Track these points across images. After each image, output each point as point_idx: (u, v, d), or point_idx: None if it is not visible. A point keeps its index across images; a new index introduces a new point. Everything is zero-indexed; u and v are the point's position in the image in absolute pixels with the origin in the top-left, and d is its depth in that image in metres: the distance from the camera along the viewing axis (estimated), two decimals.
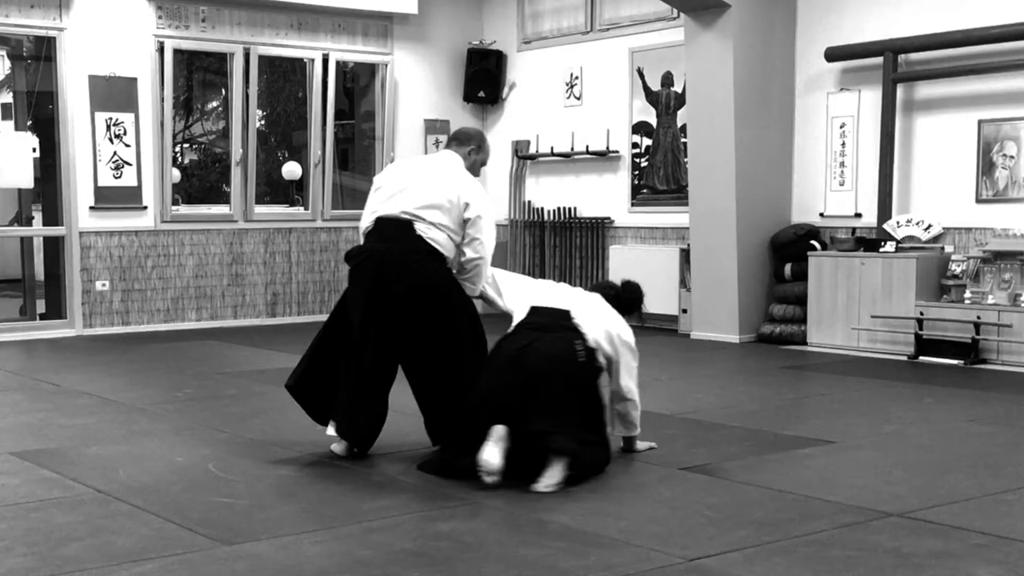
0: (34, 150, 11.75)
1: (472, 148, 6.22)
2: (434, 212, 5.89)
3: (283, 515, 4.95)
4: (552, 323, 5.84)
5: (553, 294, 6.15)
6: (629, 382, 6.00)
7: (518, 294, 6.15)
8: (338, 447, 6.07)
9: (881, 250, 10.14)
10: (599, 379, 5.83)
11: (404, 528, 4.72)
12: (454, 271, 6.01)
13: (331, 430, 6.09)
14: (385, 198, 5.99)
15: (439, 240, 5.90)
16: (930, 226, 10.10)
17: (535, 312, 5.95)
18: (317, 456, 6.05)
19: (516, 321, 5.97)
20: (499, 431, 5.40)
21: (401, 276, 5.81)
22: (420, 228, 5.87)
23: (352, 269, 6.05)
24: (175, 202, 12.62)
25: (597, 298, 6.21)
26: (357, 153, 15.55)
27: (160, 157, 12.13)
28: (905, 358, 9.83)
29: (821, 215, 11.07)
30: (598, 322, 5.94)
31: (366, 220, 6.05)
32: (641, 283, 12.15)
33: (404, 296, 5.81)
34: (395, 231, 5.90)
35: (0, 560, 4.28)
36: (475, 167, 6.22)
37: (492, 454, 5.34)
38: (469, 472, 5.44)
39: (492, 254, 6.06)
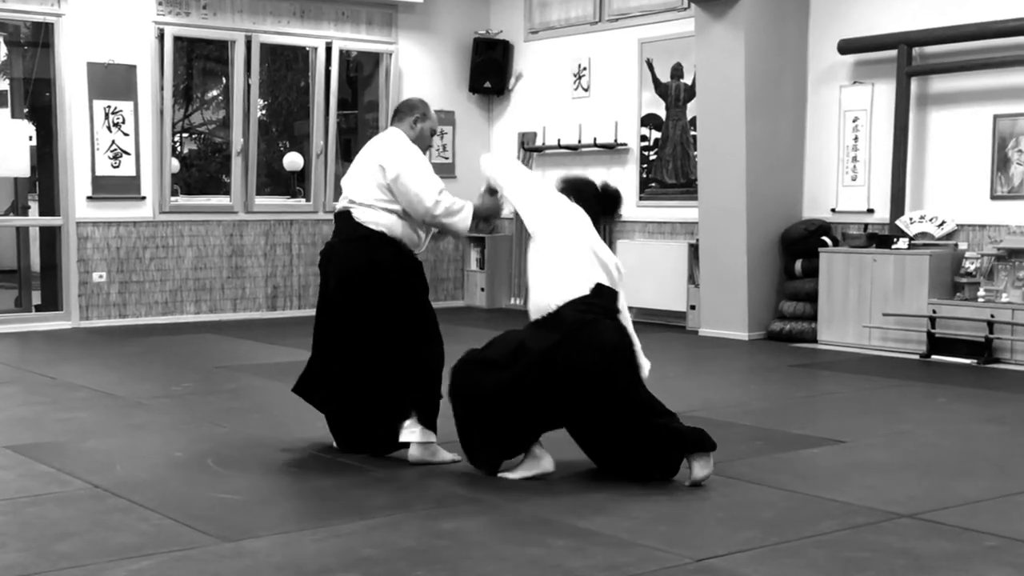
0: (31, 138, 11.76)
1: (416, 117, 6.10)
2: (365, 192, 5.92)
3: (284, 511, 4.96)
4: (608, 307, 5.75)
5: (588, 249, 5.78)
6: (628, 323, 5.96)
7: (553, 226, 5.77)
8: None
9: (893, 247, 10.13)
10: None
11: (407, 526, 4.72)
12: (427, 238, 6.06)
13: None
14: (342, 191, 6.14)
15: (380, 221, 5.89)
16: (944, 222, 10.09)
17: (599, 293, 5.70)
18: (318, 452, 6.05)
19: (567, 295, 5.61)
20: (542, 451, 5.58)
21: (336, 270, 5.98)
22: (357, 214, 5.93)
23: (318, 266, 6.27)
24: (174, 192, 12.63)
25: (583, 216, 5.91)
26: (360, 144, 15.45)
27: (159, 146, 12.14)
28: (917, 357, 9.83)
29: (833, 211, 11.06)
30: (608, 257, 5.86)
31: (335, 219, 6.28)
32: (649, 278, 12.25)
33: (336, 290, 5.97)
34: (340, 224, 6.07)
35: None
36: (423, 136, 6.10)
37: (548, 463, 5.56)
38: (489, 464, 5.54)
39: (441, 201, 5.87)
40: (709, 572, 4.16)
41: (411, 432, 5.81)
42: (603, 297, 5.67)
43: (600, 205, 6.07)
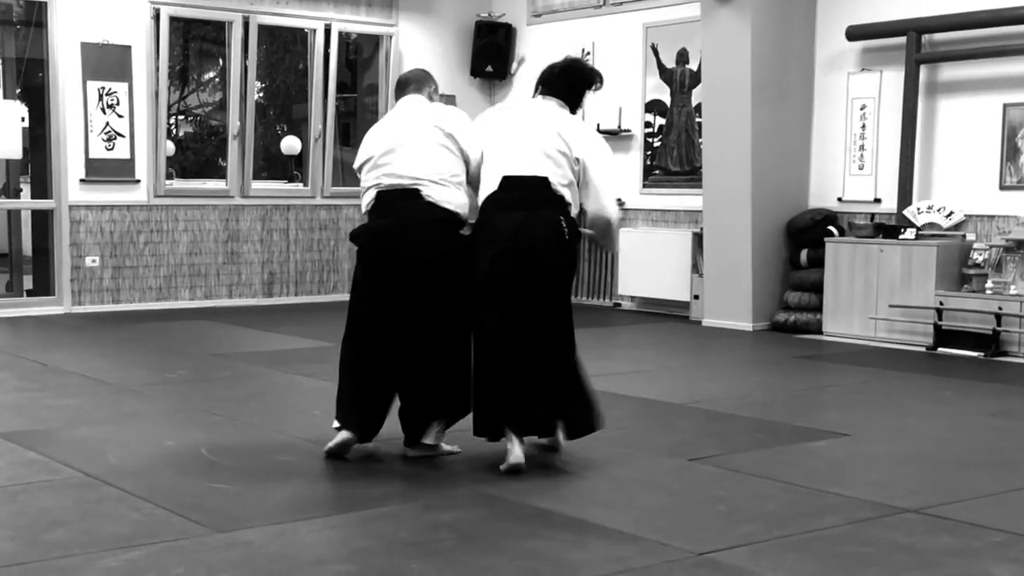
0: (23, 120, 11.73)
1: (432, 90, 6.02)
2: (437, 168, 5.66)
3: (278, 502, 4.96)
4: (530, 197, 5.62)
5: (519, 146, 5.69)
6: (606, 200, 5.91)
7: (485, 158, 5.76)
8: (335, 443, 5.75)
9: (900, 237, 10.13)
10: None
11: (404, 517, 4.73)
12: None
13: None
14: (380, 168, 5.70)
15: (454, 200, 5.67)
16: (952, 213, 10.09)
17: (507, 185, 5.62)
18: (314, 441, 6.05)
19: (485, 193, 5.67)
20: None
21: (418, 251, 5.57)
22: (428, 193, 5.62)
23: (360, 250, 5.78)
24: (169, 176, 12.62)
25: (553, 110, 5.88)
26: (359, 128, 15.53)
27: (154, 129, 12.13)
28: (923, 349, 9.83)
29: (839, 200, 11.06)
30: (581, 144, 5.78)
31: (367, 196, 5.76)
32: (651, 268, 12.25)
33: (421, 273, 5.58)
34: (402, 202, 5.62)
35: None
36: None
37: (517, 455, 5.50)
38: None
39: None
40: (710, 566, 4.17)
41: (436, 435, 5.76)
42: (512, 189, 5.59)
43: (562, 82, 6.11)
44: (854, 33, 10.75)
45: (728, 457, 5.87)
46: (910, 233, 10.10)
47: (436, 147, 5.67)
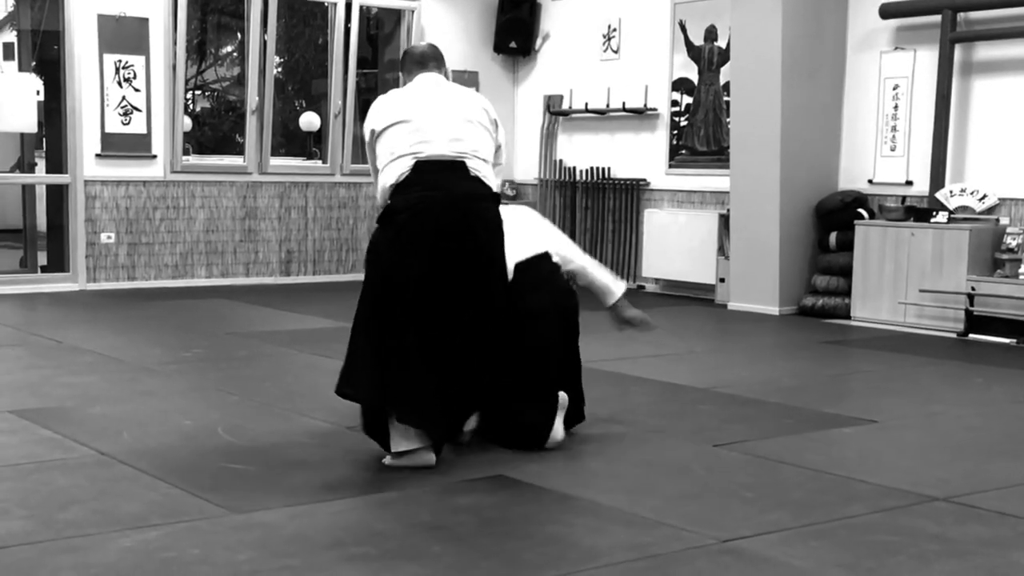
0: (38, 93, 11.77)
1: (447, 70, 5.82)
2: (481, 145, 5.45)
3: (296, 483, 4.97)
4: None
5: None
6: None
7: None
8: (395, 459, 5.30)
9: (932, 220, 10.10)
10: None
11: (423, 500, 4.74)
12: None
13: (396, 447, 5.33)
14: (418, 135, 5.34)
15: (491, 179, 5.47)
16: (985, 196, 10.05)
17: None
18: (332, 422, 6.07)
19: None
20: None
21: (475, 227, 5.32)
22: (473, 166, 5.38)
23: (403, 225, 5.25)
24: (186, 152, 12.65)
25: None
26: None
27: (171, 103, 12.15)
28: (954, 335, 9.81)
29: (870, 182, 11.03)
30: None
31: (399, 167, 5.31)
32: (677, 250, 12.23)
33: (475, 251, 5.34)
34: (449, 174, 5.32)
35: None
36: None
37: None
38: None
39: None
40: (735, 553, 4.17)
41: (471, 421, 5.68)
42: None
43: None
44: (888, 11, 10.71)
45: (754, 443, 5.87)
46: (942, 216, 10.07)
47: (479, 126, 5.49)
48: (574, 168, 13.53)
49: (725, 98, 11.94)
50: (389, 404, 5.22)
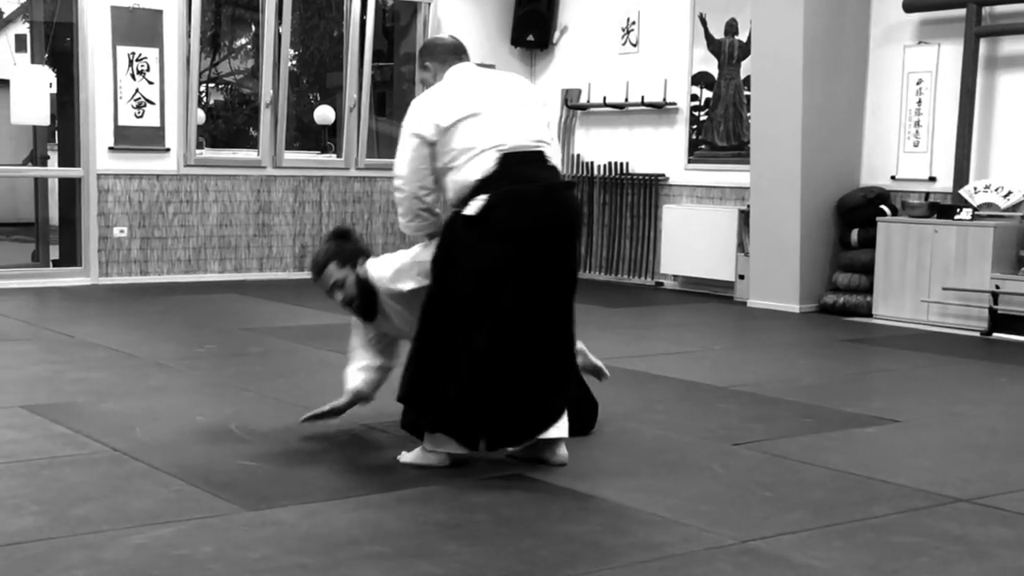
0: (51, 85, 11.80)
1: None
2: (545, 130, 5.35)
3: (309, 480, 4.98)
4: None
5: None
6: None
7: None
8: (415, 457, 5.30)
9: (956, 217, 10.07)
10: None
11: (439, 498, 4.75)
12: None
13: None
14: (493, 129, 5.17)
15: (559, 163, 5.40)
16: (1010, 193, 10.02)
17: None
18: (346, 419, 6.07)
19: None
20: None
21: (571, 219, 5.28)
22: (548, 154, 5.29)
23: (503, 220, 5.06)
24: (199, 145, 12.68)
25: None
26: (395, 98, 15.56)
27: (185, 96, 12.18)
28: (978, 334, 9.79)
29: (892, 178, 11.00)
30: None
31: (482, 162, 5.12)
32: (695, 246, 12.22)
33: (572, 245, 5.27)
34: (532, 166, 5.21)
35: (10, 519, 4.34)
36: None
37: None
38: None
39: None
40: (754, 554, 4.17)
41: (561, 428, 5.34)
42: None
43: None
44: (911, 4, 10.68)
45: (774, 442, 5.86)
46: (966, 213, 10.04)
47: (539, 112, 5.41)
48: (592, 163, 13.53)
49: (745, 92, 11.93)
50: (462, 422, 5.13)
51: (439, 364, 5.11)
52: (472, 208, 5.07)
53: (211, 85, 19.86)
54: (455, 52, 5.53)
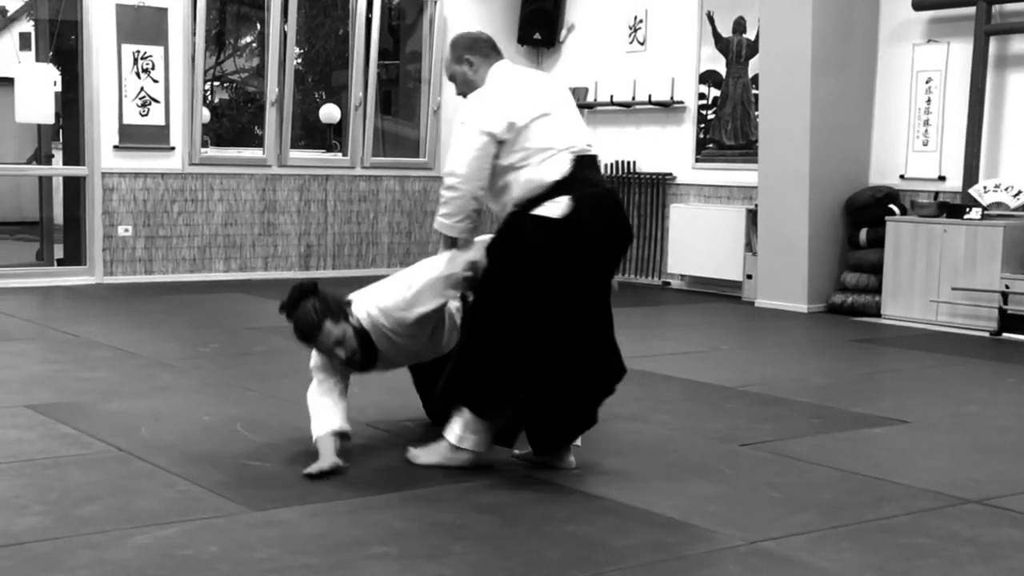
0: (55, 84, 11.82)
1: None
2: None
3: (315, 481, 4.98)
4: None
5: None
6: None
7: None
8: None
9: (965, 217, 10.06)
10: None
11: (444, 498, 4.75)
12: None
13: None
14: (564, 130, 5.16)
15: None
16: (1020, 192, 10.01)
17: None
18: (352, 419, 6.07)
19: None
20: None
21: (626, 222, 5.26)
22: (598, 158, 5.36)
23: (583, 223, 5.02)
24: (204, 144, 12.69)
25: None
26: (401, 96, 15.57)
27: (190, 95, 12.18)
28: (987, 334, 9.78)
29: (901, 177, 11.00)
30: None
31: (559, 163, 5.09)
32: (703, 245, 12.21)
33: (628, 245, 5.33)
34: (594, 170, 5.26)
35: (15, 519, 4.34)
36: None
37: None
38: None
39: None
40: (762, 555, 4.17)
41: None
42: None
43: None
44: (921, 2, 10.67)
45: (782, 443, 5.86)
46: (975, 213, 10.03)
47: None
48: (599, 162, 13.49)
49: (753, 91, 11.92)
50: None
51: (515, 364, 5.04)
52: (554, 210, 4.99)
53: (216, 83, 19.87)
54: (495, 48, 5.42)
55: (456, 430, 5.17)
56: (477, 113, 5.11)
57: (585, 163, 5.15)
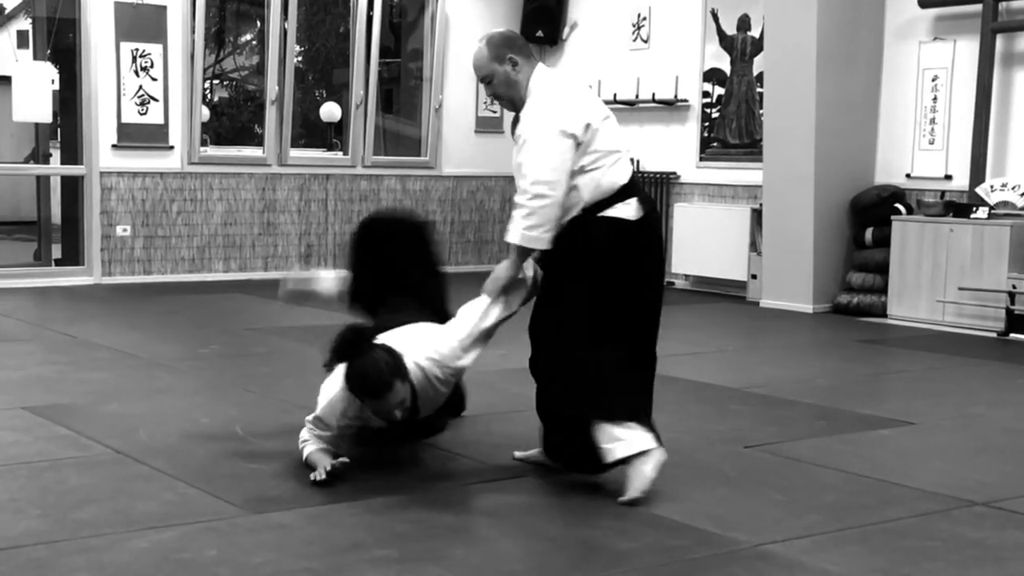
0: (53, 82, 11.82)
1: None
2: None
3: (322, 486, 4.97)
4: None
5: None
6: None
7: None
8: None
9: (972, 216, 10.06)
10: None
11: (445, 501, 4.75)
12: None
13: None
14: (619, 132, 5.18)
15: None
16: None
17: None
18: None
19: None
20: None
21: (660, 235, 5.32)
22: None
23: (649, 229, 5.10)
24: (204, 142, 12.69)
25: None
26: (402, 95, 15.57)
27: (189, 93, 12.17)
28: (994, 335, 9.77)
29: (908, 176, 10.99)
30: None
31: (626, 167, 5.10)
32: (707, 245, 12.21)
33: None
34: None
35: (13, 522, 4.35)
36: None
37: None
38: None
39: None
40: (767, 558, 4.16)
41: None
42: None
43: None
44: (927, 0, 10.66)
45: (787, 445, 5.86)
46: (982, 212, 10.03)
47: None
48: None
49: (758, 89, 11.91)
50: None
51: (616, 362, 5.05)
52: (627, 212, 4.97)
53: (215, 82, 19.87)
54: (525, 50, 5.19)
55: (613, 444, 4.90)
56: (552, 115, 4.95)
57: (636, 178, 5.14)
